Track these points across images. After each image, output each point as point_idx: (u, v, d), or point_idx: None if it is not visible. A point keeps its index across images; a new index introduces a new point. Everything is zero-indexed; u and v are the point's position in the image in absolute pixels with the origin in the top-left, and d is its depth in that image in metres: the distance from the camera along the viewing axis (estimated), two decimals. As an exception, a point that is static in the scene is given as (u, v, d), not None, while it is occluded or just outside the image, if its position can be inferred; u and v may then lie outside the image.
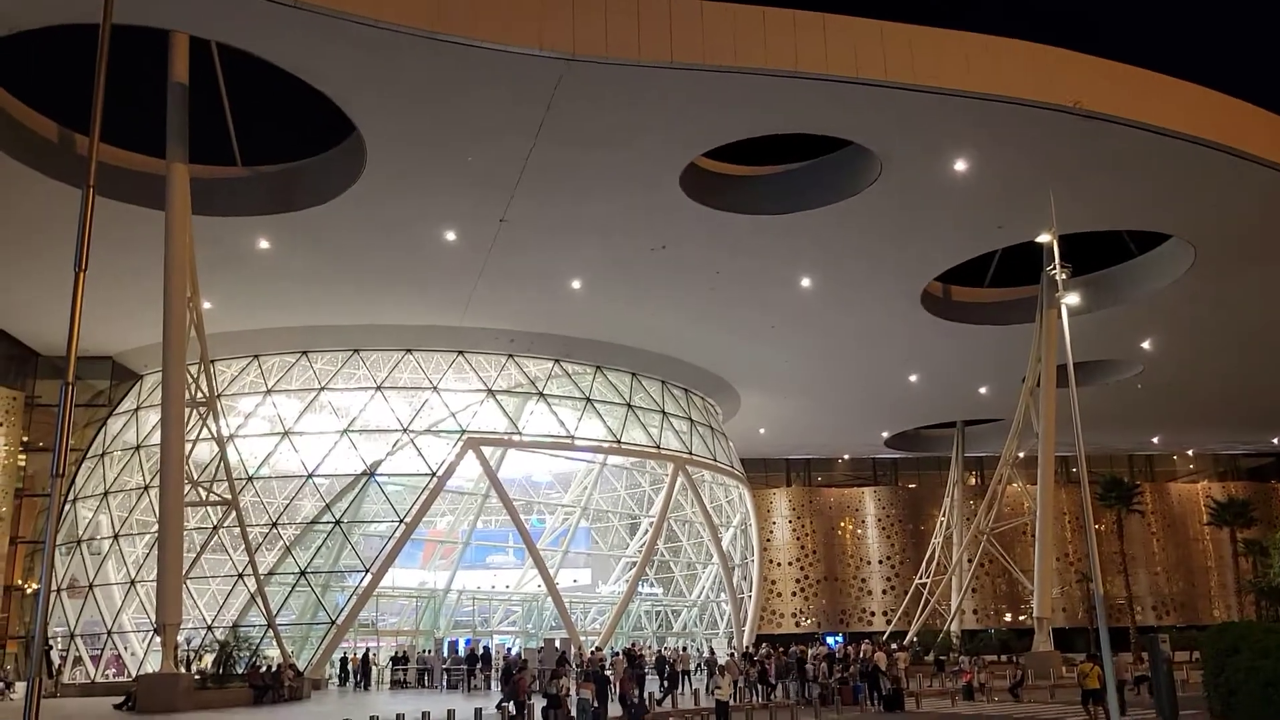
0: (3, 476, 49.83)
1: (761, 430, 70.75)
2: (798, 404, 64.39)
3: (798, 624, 77.24)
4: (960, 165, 34.67)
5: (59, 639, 48.34)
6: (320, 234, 38.83)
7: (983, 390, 61.99)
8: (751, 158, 38.67)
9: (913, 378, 59.15)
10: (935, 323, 49.14)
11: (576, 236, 39.95)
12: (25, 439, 52.42)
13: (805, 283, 44.64)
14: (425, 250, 40.65)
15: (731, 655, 42.72)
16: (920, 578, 69.71)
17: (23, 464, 52.61)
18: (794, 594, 79.10)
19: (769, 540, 77.84)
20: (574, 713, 23.62)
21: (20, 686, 45.44)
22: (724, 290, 45.22)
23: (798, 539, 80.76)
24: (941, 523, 71.37)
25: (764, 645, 49.57)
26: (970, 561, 63.46)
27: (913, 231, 40.06)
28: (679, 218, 38.13)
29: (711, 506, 59.48)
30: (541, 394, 52.96)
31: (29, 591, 51.75)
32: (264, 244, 39.78)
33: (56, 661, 47.07)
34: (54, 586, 47.85)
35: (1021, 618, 75.25)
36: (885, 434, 74.63)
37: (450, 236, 39.44)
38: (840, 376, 58.76)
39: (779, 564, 79.13)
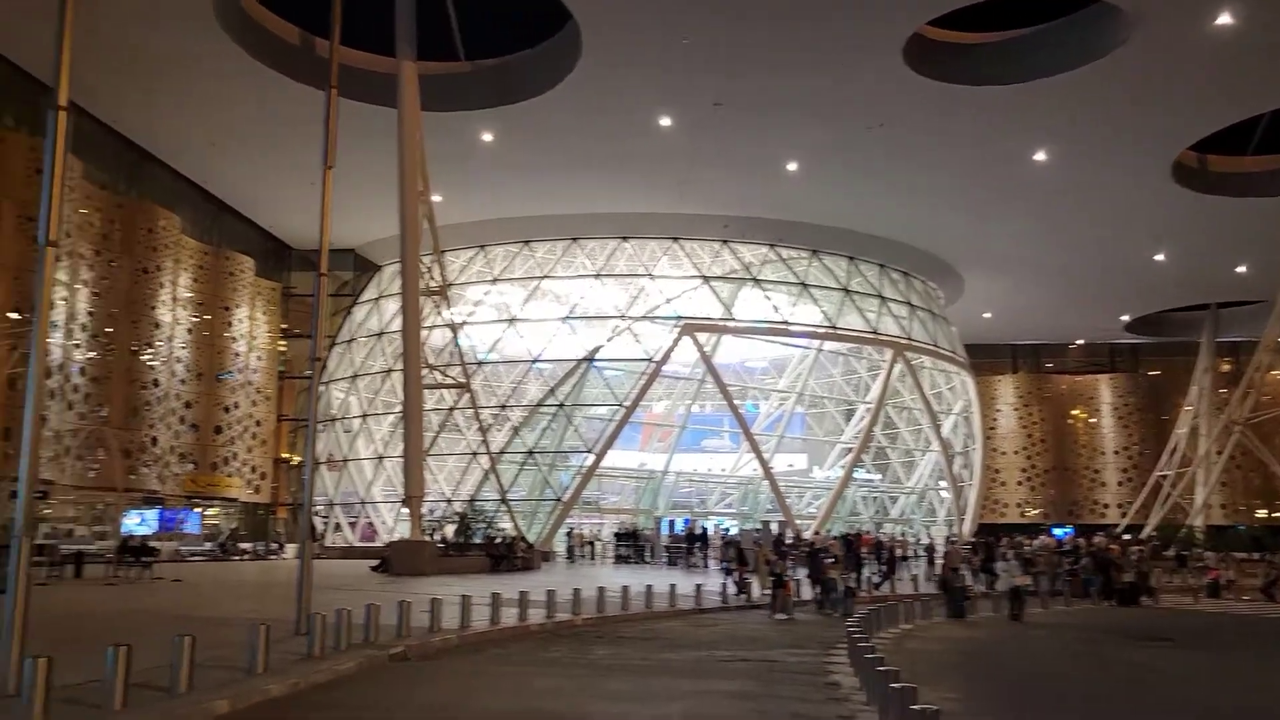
0: (267, 360, 54.71)
1: (986, 314, 67.77)
2: (1027, 286, 61.05)
3: (1023, 514, 74.89)
4: (1224, 19, 31.03)
5: (321, 507, 53.29)
6: (539, 124, 39.51)
7: (1241, 269, 56.67)
8: (979, 24, 36.03)
9: (1159, 256, 54.69)
10: (1188, 196, 44.98)
11: (792, 117, 38.82)
12: (284, 326, 57.23)
13: (1039, 156, 41.73)
14: (640, 137, 40.65)
15: (953, 542, 42.05)
16: (1161, 470, 65.71)
17: (283, 349, 57.57)
18: (1019, 483, 76.52)
19: (992, 428, 75.23)
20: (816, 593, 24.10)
21: (290, 548, 50.81)
22: (947, 168, 42.98)
23: (1024, 427, 77.61)
24: (1188, 412, 66.69)
25: (1005, 538, 48.47)
26: (1219, 454, 59.12)
27: (1165, 96, 36.45)
28: (900, 92, 36.27)
29: (931, 393, 57.94)
30: (756, 280, 52.65)
31: (294, 464, 57.23)
32: (487, 136, 40.97)
33: (320, 527, 52.05)
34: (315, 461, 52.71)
35: (1278, 515, 69.88)
36: (1126, 317, 69.76)
37: (665, 122, 39.22)
38: (1076, 256, 55.05)
39: (1003, 453, 76.51)
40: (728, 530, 48.46)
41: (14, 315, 35.91)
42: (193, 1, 32.14)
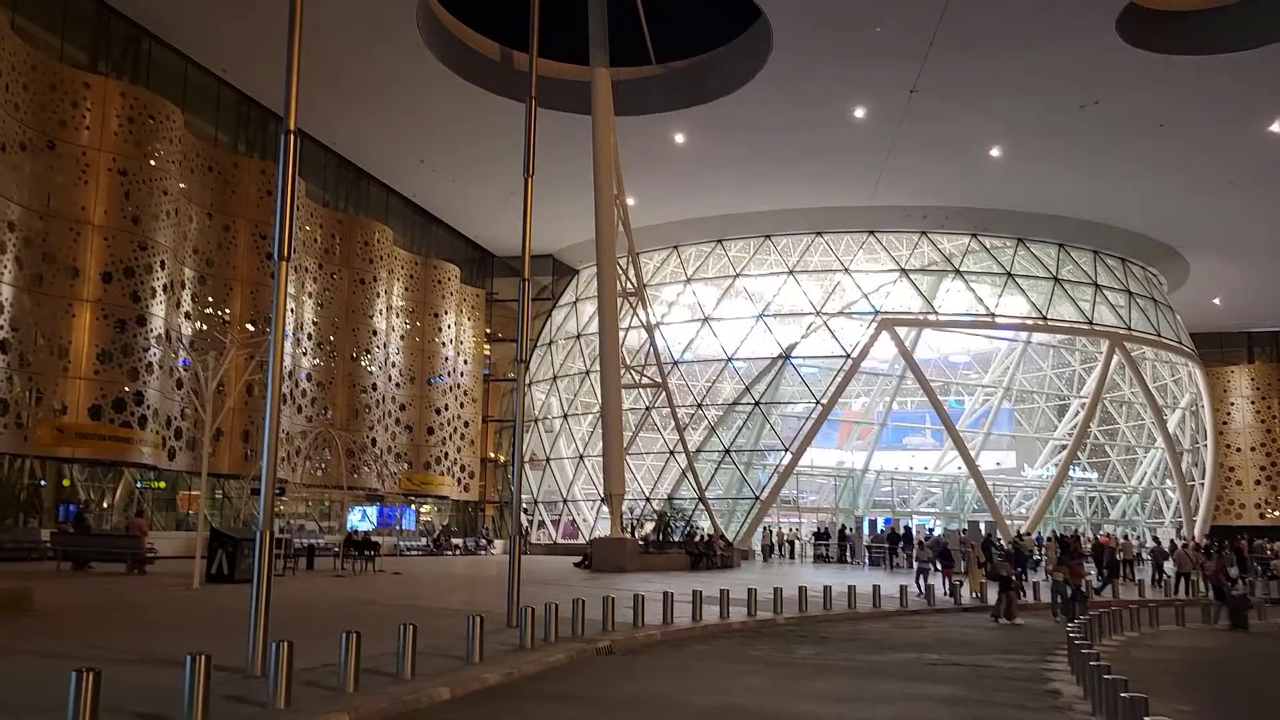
0: (473, 364, 57.17)
1: (1216, 300, 62.70)
2: (1263, 268, 56.07)
3: (1262, 515, 68.86)
4: None
5: (525, 505, 55.23)
6: (731, 122, 39.50)
7: None
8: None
9: None
10: None
11: (994, 100, 37.18)
12: (488, 330, 59.64)
13: (1276, 127, 38.27)
14: (833, 129, 39.97)
15: (1182, 545, 39.14)
16: None
17: (488, 353, 60.03)
18: (1258, 482, 70.40)
19: (1225, 423, 69.57)
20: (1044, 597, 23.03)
21: (498, 544, 52.89)
22: (1168, 144, 40.03)
23: (1263, 422, 71.33)
24: None
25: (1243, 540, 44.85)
26: None
27: None
28: (1113, 67, 34.09)
29: (1155, 386, 54.20)
30: (958, 270, 50.77)
31: (499, 463, 59.55)
32: (679, 137, 41.33)
33: (524, 524, 53.96)
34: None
35: None
36: (1379, 300, 63.09)
37: (859, 113, 38.40)
38: (1323, 233, 50.19)
39: (1238, 449, 70.62)
40: (931, 530, 46.94)
41: (250, 326, 38.92)
42: (401, 26, 34.01)
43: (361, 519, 45.56)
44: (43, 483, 34.19)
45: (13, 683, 9.31)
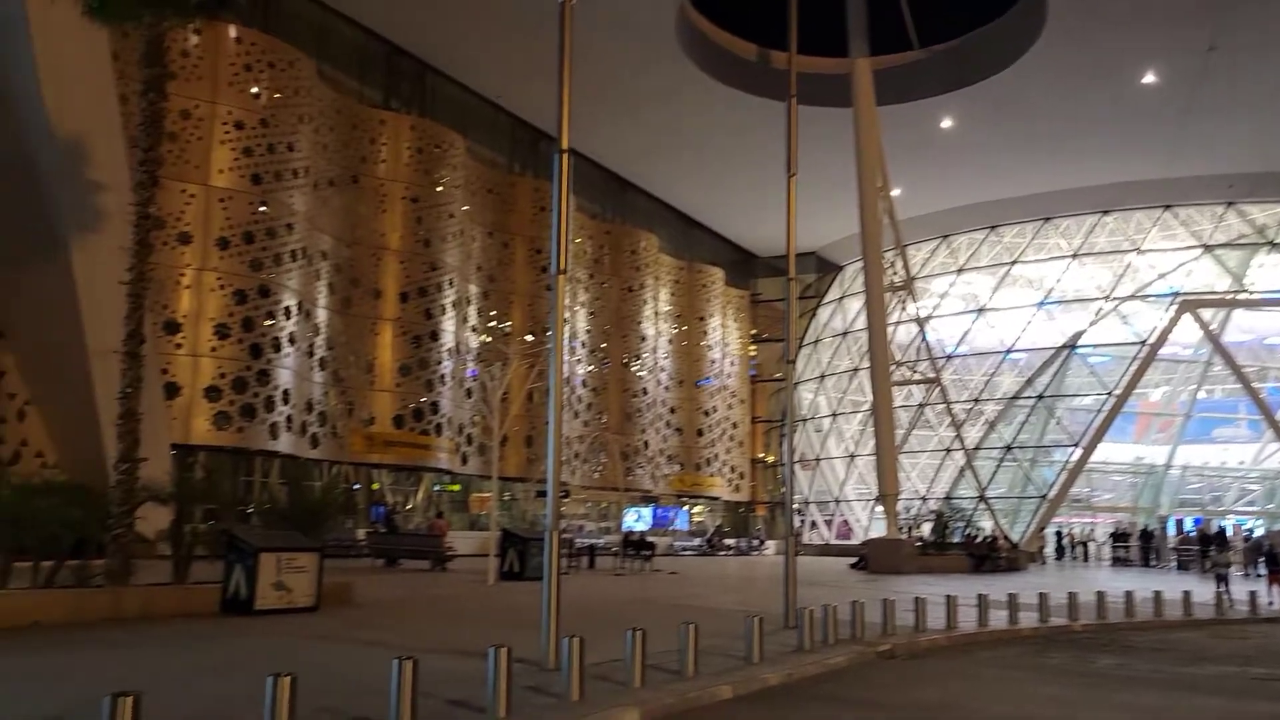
0: (739, 365, 57.59)
1: None
2: None
3: None
4: None
5: (796, 505, 54.93)
6: (1002, 101, 37.56)
7: None
8: None
9: None
10: None
11: (1311, 49, 33.17)
12: (753, 332, 59.88)
13: None
14: (1119, 99, 37.05)
15: None
16: None
17: (753, 354, 60.27)
18: None
19: None
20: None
21: (770, 544, 52.92)
22: None
23: None
24: None
25: None
26: None
27: None
28: None
29: None
30: (1272, 243, 45.62)
31: (769, 463, 59.60)
32: (946, 122, 39.80)
33: (796, 525, 53.69)
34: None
35: None
36: None
37: (1148, 79, 35.42)
38: None
39: None
40: (1250, 531, 42.40)
41: (529, 337, 41.16)
42: (661, 38, 34.89)
43: (637, 520, 46.98)
44: (356, 486, 37.69)
45: (346, 666, 10.31)
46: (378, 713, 7.63)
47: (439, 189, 38.83)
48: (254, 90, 32.71)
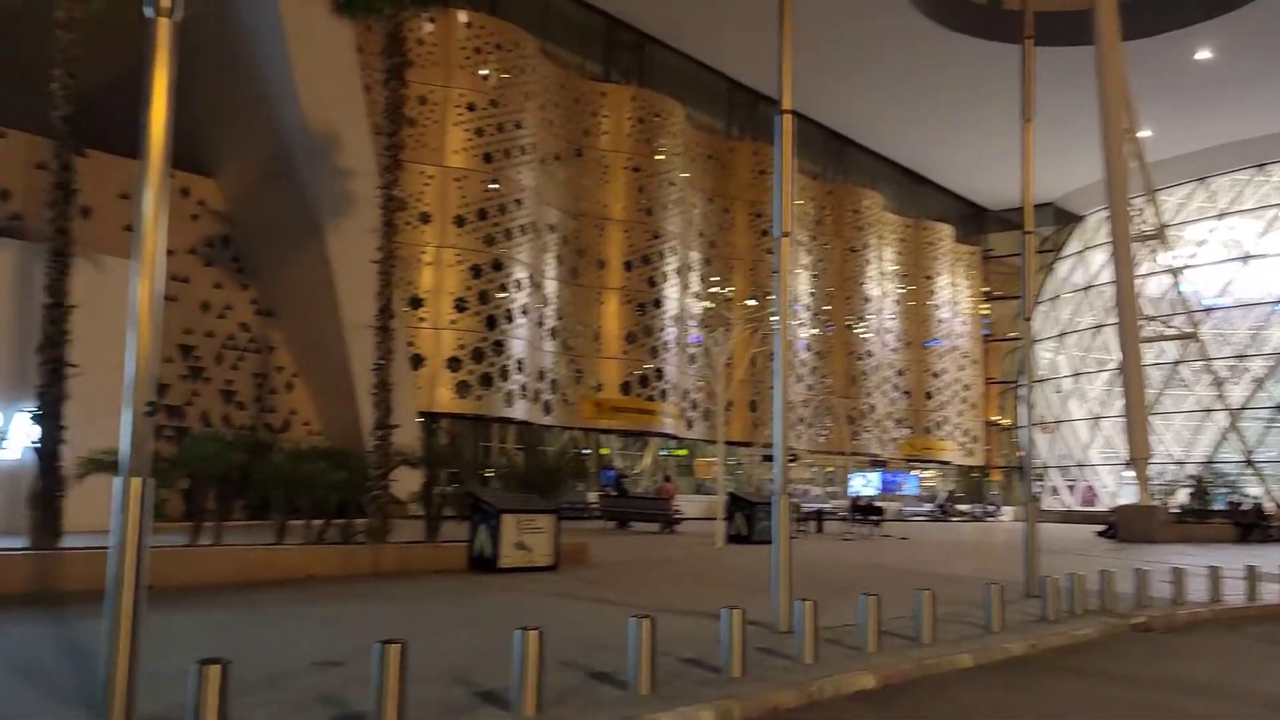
0: (970, 324, 55.24)
1: None
2: None
3: None
4: None
5: (1036, 470, 52.36)
6: (1269, 26, 33.91)
7: None
8: None
9: None
10: None
11: None
12: (985, 289, 57.23)
13: None
14: None
15: None
16: None
17: (985, 312, 57.64)
18: None
19: None
20: None
21: (1007, 510, 50.72)
22: None
23: None
24: None
25: None
26: None
27: None
28: None
29: None
30: None
31: (1004, 426, 57.00)
32: (1203, 54, 36.39)
33: (1034, 490, 51.19)
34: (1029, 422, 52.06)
35: None
36: None
37: None
38: None
39: None
40: None
41: (751, 302, 41.08)
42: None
43: (864, 484, 46.19)
44: (586, 451, 39.01)
45: (584, 623, 10.75)
46: (616, 668, 7.91)
47: (659, 157, 39.28)
48: (483, 72, 34.15)
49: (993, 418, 57.27)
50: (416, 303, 32.41)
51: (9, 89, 23.87)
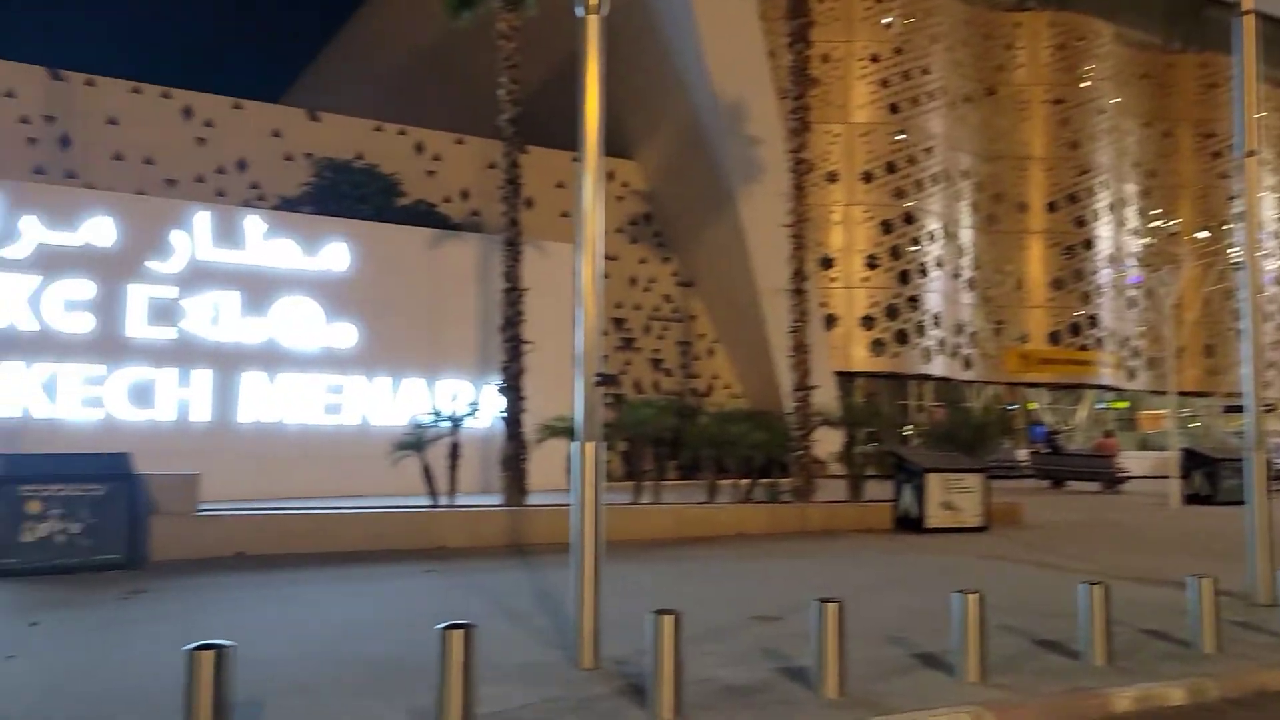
0: None
1: None
2: None
3: None
4: None
5: None
6: None
7: None
8: None
9: None
10: None
11: None
12: None
13: None
14: None
15: None
16: None
17: None
18: None
19: None
20: None
21: None
22: None
23: None
24: None
25: None
26: None
27: None
28: None
29: None
30: None
31: None
32: None
33: None
34: None
35: None
36: None
37: None
38: None
39: None
40: None
41: (1202, 234, 36.51)
42: None
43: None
44: (1012, 407, 36.97)
45: (1022, 587, 10.18)
46: (1063, 636, 7.42)
47: (1084, 85, 35.96)
48: (886, 20, 33.25)
49: None
50: (827, 263, 32.47)
51: (464, 101, 27.17)
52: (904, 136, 32.89)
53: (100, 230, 17.37)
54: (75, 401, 17.02)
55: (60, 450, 13.49)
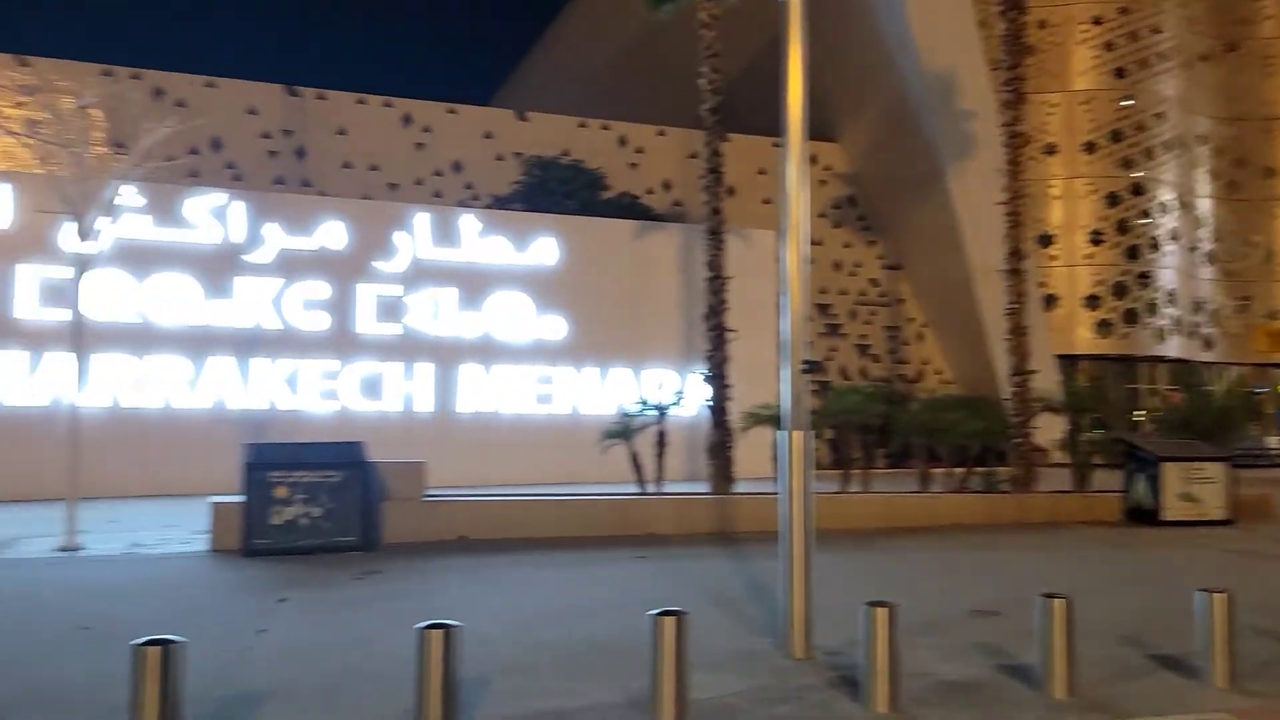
0: None
1: None
2: None
3: None
4: None
5: None
6: None
7: None
8: None
9: None
10: None
11: None
12: None
13: None
14: None
15: None
16: None
17: None
18: None
19: None
20: None
21: None
22: None
23: None
24: None
25: None
26: None
27: None
28: None
29: None
30: None
31: None
32: None
33: None
34: None
35: None
36: None
37: None
38: None
39: None
40: None
41: None
42: None
43: None
44: (1260, 389, 33.91)
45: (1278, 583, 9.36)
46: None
47: (1342, 32, 32.49)
48: (1108, -20, 31.16)
49: None
50: (1046, 240, 30.77)
51: (665, 93, 27.43)
52: (1131, 102, 30.69)
53: (333, 234, 18.69)
54: (314, 394, 18.39)
55: (301, 440, 14.58)
